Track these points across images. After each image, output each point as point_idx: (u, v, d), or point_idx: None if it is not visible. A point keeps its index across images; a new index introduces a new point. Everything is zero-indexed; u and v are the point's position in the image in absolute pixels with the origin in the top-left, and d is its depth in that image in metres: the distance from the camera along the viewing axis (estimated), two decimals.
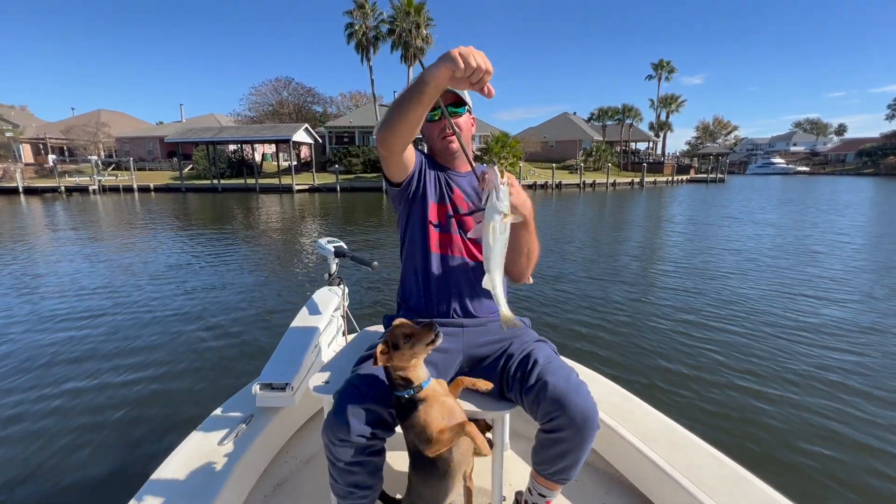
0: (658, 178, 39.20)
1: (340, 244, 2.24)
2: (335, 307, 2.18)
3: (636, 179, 36.68)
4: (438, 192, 1.38)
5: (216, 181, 29.40)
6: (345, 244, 2.26)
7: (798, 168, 67.01)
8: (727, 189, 31.96)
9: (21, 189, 27.01)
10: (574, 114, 51.46)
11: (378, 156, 1.27)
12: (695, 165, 47.81)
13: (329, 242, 2.26)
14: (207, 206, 19.95)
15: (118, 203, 21.32)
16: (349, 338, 2.26)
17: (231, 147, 33.61)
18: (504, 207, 1.03)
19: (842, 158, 71.94)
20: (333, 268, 2.29)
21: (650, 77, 49.55)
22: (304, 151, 41.26)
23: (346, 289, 2.28)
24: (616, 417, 1.63)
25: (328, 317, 2.07)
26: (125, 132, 41.37)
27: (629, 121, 46.57)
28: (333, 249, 2.20)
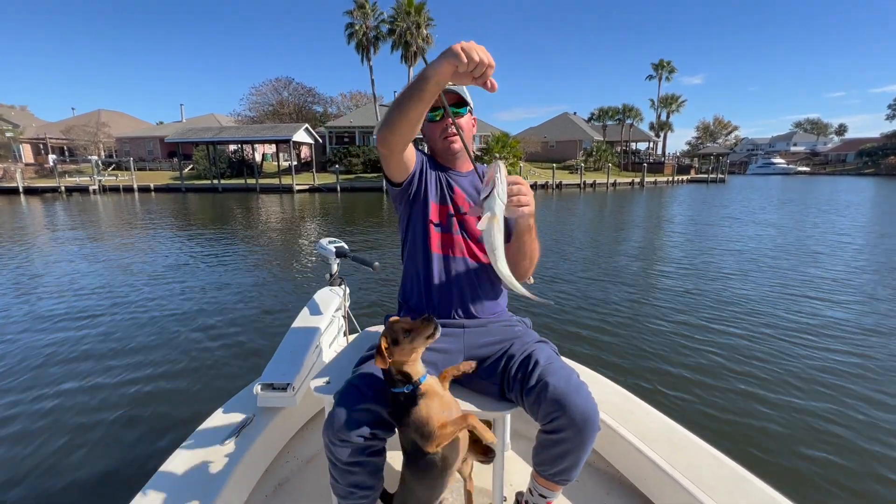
0: (658, 179, 39.20)
1: (341, 244, 2.24)
2: (336, 307, 2.18)
3: (636, 179, 36.69)
4: (439, 192, 1.38)
5: (216, 181, 29.44)
6: (346, 244, 2.26)
7: (798, 168, 67.03)
8: (727, 189, 31.94)
9: (21, 189, 27.05)
10: (574, 114, 51.50)
11: (378, 156, 1.27)
12: (695, 165, 47.83)
13: (330, 243, 2.26)
14: (208, 207, 19.94)
15: (118, 203, 21.33)
16: (350, 338, 2.26)
17: (231, 147, 33.66)
18: (503, 201, 1.07)
19: (842, 158, 71.95)
20: (334, 268, 2.30)
21: (650, 77, 49.64)
22: (305, 151, 41.28)
23: (348, 289, 2.28)
24: (616, 418, 1.63)
25: (329, 317, 2.07)
26: (125, 132, 41.42)
27: (629, 121, 46.55)
28: (335, 250, 2.20)
